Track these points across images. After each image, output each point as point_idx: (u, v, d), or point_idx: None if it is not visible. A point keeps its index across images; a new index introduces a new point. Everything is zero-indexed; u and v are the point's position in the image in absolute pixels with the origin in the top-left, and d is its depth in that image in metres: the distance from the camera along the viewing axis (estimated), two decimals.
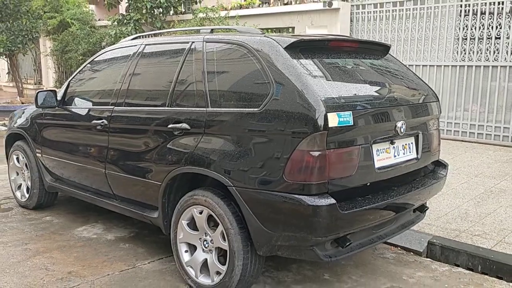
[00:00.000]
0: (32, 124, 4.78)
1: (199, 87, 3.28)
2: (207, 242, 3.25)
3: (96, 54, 4.47)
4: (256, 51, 3.02)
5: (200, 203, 3.21)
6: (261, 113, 2.86)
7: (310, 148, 2.69)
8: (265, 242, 2.93)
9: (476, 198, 5.11)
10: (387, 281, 3.54)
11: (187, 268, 3.36)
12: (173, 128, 3.34)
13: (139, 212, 3.76)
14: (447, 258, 3.94)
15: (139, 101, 3.75)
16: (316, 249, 2.85)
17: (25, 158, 4.94)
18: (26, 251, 4.00)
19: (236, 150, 2.97)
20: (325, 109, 2.67)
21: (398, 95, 3.31)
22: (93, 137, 4.05)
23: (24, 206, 5.08)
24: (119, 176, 3.82)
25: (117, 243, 4.18)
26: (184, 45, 3.53)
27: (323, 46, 3.26)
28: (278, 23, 9.75)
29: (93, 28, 13.36)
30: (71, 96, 4.42)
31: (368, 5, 9.01)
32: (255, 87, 2.99)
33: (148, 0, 10.88)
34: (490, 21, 7.70)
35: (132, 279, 3.51)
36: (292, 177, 2.73)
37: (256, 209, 2.89)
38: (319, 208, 2.67)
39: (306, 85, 2.77)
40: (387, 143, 3.11)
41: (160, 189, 3.45)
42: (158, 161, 3.45)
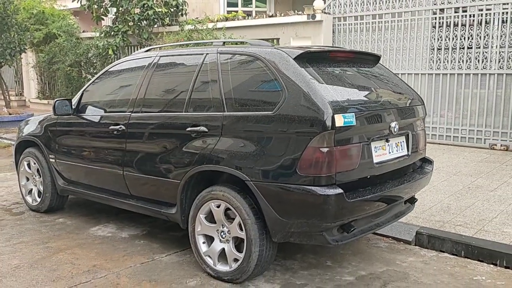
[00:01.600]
0: (45, 131, 5.07)
1: (215, 94, 3.66)
2: (224, 233, 3.62)
3: (109, 65, 4.80)
4: (269, 62, 3.43)
5: (218, 198, 3.57)
6: (274, 116, 3.27)
7: (320, 145, 3.10)
8: (280, 229, 3.32)
9: (456, 194, 5.60)
10: (382, 265, 3.96)
11: (205, 258, 3.72)
12: (191, 131, 3.71)
13: (156, 209, 4.09)
14: (433, 246, 4.39)
15: (156, 107, 4.10)
16: (325, 234, 3.25)
17: (37, 164, 5.21)
18: (48, 249, 4.29)
19: (252, 148, 3.36)
20: (332, 111, 3.09)
21: (390, 99, 3.77)
22: (110, 141, 4.38)
23: (36, 210, 5.34)
24: (137, 177, 4.16)
25: (132, 240, 4.50)
26: (198, 56, 3.92)
27: (325, 56, 3.70)
28: (263, 34, 10.19)
29: (78, 39, 13.58)
30: (86, 104, 4.74)
31: (349, 17, 9.54)
32: (268, 93, 3.39)
33: (135, 13, 11.20)
34: (462, 32, 8.30)
35: (153, 270, 3.84)
36: (305, 171, 3.14)
37: (272, 200, 3.28)
38: (329, 197, 3.08)
39: (315, 90, 3.19)
40: (383, 141, 3.55)
41: (179, 186, 3.80)
42: (177, 161, 3.81)
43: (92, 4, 11.58)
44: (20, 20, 12.20)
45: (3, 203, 5.72)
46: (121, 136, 4.26)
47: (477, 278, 3.74)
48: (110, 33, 11.75)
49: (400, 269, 3.89)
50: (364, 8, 9.31)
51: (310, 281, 3.65)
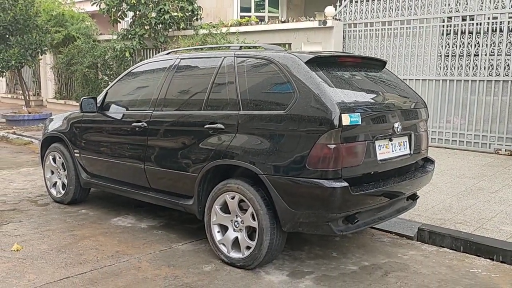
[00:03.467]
0: (70, 128, 5.42)
1: (231, 94, 3.97)
2: (237, 222, 3.92)
3: (132, 66, 5.13)
4: (282, 65, 3.73)
5: (233, 190, 3.88)
6: (286, 115, 3.57)
7: (327, 142, 3.39)
8: (289, 219, 3.61)
9: (458, 195, 5.85)
10: (384, 257, 4.23)
11: (220, 246, 4.02)
12: (209, 128, 4.02)
13: (174, 201, 4.41)
14: (434, 241, 4.64)
15: (176, 106, 4.42)
16: (331, 224, 3.54)
17: (62, 158, 5.55)
18: (74, 236, 4.62)
19: (265, 145, 3.66)
20: (339, 111, 3.39)
21: (395, 101, 4.05)
22: (132, 137, 4.70)
23: (60, 202, 5.68)
24: (157, 170, 4.47)
25: (150, 230, 4.82)
26: (216, 59, 4.23)
27: (334, 61, 4.00)
28: (275, 39, 10.50)
29: (96, 42, 13.99)
30: (110, 102, 5.07)
31: (359, 24, 9.82)
32: (280, 94, 3.70)
33: (152, 17, 11.57)
34: (469, 40, 8.55)
35: (172, 256, 4.15)
36: (313, 166, 3.43)
37: (283, 192, 3.57)
38: (335, 190, 3.37)
39: (324, 92, 3.49)
40: (387, 140, 3.83)
41: (196, 179, 4.11)
42: (195, 155, 4.12)
43: (111, 8, 11.97)
44: (41, 22, 12.62)
45: (29, 195, 6.07)
46: (142, 133, 4.58)
47: (473, 271, 3.99)
48: (127, 36, 12.12)
49: (401, 261, 4.16)
50: (374, 15, 9.59)
51: (316, 269, 3.93)
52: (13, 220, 5.04)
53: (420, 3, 9.02)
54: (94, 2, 12.44)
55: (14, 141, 10.48)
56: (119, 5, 11.89)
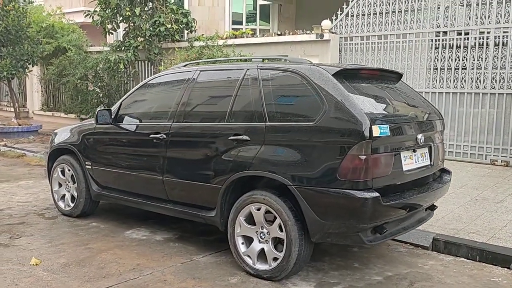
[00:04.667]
0: (82, 140, 5.35)
1: (256, 106, 3.99)
2: (263, 234, 3.92)
3: (147, 78, 5.12)
4: (309, 77, 3.77)
5: (259, 201, 3.88)
6: (315, 127, 3.60)
7: (359, 153, 3.43)
8: (319, 230, 3.63)
9: (465, 205, 5.95)
10: (406, 267, 4.27)
11: (245, 257, 4.01)
12: (233, 140, 4.02)
13: (194, 213, 4.38)
14: (450, 251, 4.70)
15: (197, 118, 4.41)
16: (361, 234, 3.57)
17: (71, 170, 5.48)
18: (89, 249, 4.54)
19: (294, 156, 3.68)
20: (369, 122, 3.43)
21: (416, 113, 4.13)
22: (150, 149, 4.67)
23: (68, 215, 5.59)
24: (177, 182, 4.45)
25: (166, 243, 4.77)
26: (239, 71, 4.25)
27: (357, 73, 4.06)
28: (272, 52, 10.58)
29: (86, 53, 13.88)
30: (124, 114, 5.03)
31: (355, 37, 9.97)
32: (308, 106, 3.73)
33: (147, 29, 11.55)
34: (465, 54, 8.75)
35: (195, 269, 4.12)
36: (345, 176, 3.46)
37: (313, 203, 3.59)
38: (367, 200, 3.41)
39: (353, 103, 3.54)
40: (411, 151, 3.89)
41: (220, 191, 4.10)
42: (219, 167, 4.11)
43: (105, 20, 11.91)
44: (32, 33, 12.49)
45: (34, 208, 5.96)
46: (161, 145, 4.55)
47: (495, 280, 4.06)
48: (121, 48, 12.06)
49: (423, 271, 4.20)
50: (370, 29, 9.75)
51: (342, 280, 3.95)
52: (24, 234, 4.94)
53: (416, 18, 9.21)
54: (87, 14, 12.36)
55: (7, 154, 10.28)
56: (113, 17, 11.83)
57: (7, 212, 5.76)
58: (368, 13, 9.75)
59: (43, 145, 11.00)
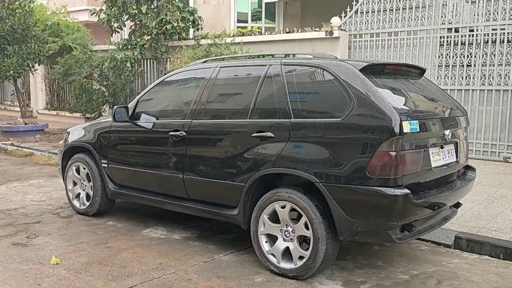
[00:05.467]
0: (97, 138, 5.28)
1: (280, 102, 3.92)
2: (288, 232, 3.86)
3: (164, 76, 5.05)
4: (336, 73, 3.71)
5: (284, 199, 3.82)
6: (343, 123, 3.54)
7: (389, 150, 3.37)
8: (347, 228, 3.57)
9: (483, 203, 5.89)
10: (431, 266, 4.21)
11: (269, 256, 3.95)
12: (257, 137, 3.96)
13: (216, 211, 4.32)
14: (472, 249, 4.65)
15: (218, 115, 4.35)
16: (390, 232, 3.51)
17: (87, 169, 5.41)
18: (109, 248, 4.48)
19: (321, 153, 3.62)
20: (399, 118, 3.37)
21: (443, 108, 4.07)
22: (169, 147, 4.60)
23: (83, 213, 5.52)
24: (198, 180, 4.38)
25: (186, 241, 4.71)
26: (261, 67, 4.19)
27: (382, 69, 3.99)
28: (280, 49, 10.50)
29: (92, 52, 13.80)
30: (141, 112, 4.96)
31: (365, 34, 9.91)
32: (335, 102, 3.67)
33: (154, 27, 11.48)
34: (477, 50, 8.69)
35: (218, 267, 4.06)
36: (374, 173, 3.40)
37: (341, 201, 3.53)
38: (398, 197, 3.35)
39: (382, 99, 3.48)
40: (438, 148, 3.83)
41: (243, 189, 4.04)
42: (242, 165, 4.05)
43: (111, 18, 11.84)
44: (39, 32, 12.42)
45: (48, 207, 5.90)
46: (181, 142, 4.49)
47: None
48: (128, 46, 11.99)
49: (449, 269, 4.14)
50: (380, 26, 9.68)
51: (368, 279, 3.89)
52: (41, 233, 4.88)
53: (427, 14, 9.15)
54: (93, 12, 12.28)
55: (14, 153, 10.23)
56: (120, 15, 11.76)
57: (21, 211, 5.70)
58: (378, 10, 9.67)
59: (51, 144, 10.95)
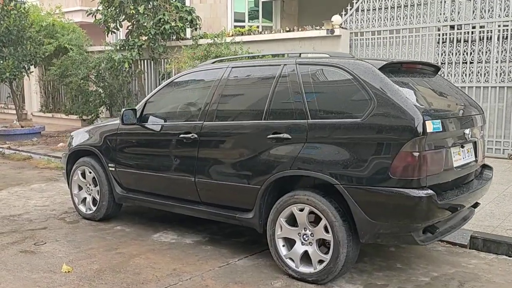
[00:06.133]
0: (104, 141, 5.16)
1: (297, 102, 3.83)
2: (306, 235, 3.77)
3: (173, 77, 4.94)
4: (354, 72, 3.62)
5: (302, 202, 3.73)
6: (364, 123, 3.45)
7: (412, 150, 3.29)
8: (369, 231, 3.49)
9: (495, 201, 5.83)
10: (451, 267, 4.14)
11: (286, 260, 3.85)
12: (273, 138, 3.87)
13: (229, 215, 4.22)
14: (489, 249, 4.58)
15: (231, 116, 4.25)
16: (413, 234, 3.42)
17: (93, 172, 5.29)
18: (121, 254, 4.37)
19: (341, 154, 3.53)
20: (422, 118, 3.29)
21: (462, 107, 3.99)
22: (180, 149, 4.50)
23: (90, 218, 5.39)
24: (211, 183, 4.28)
25: (198, 246, 4.60)
26: (275, 67, 4.09)
27: (399, 67, 3.90)
28: (280, 48, 10.42)
29: (88, 53, 13.64)
30: (149, 114, 4.84)
31: (366, 32, 9.84)
32: (354, 102, 3.58)
33: (151, 27, 11.34)
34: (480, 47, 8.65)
35: (234, 272, 3.96)
36: (397, 174, 3.32)
37: (363, 203, 3.45)
38: (422, 199, 3.27)
39: (403, 98, 3.39)
40: (459, 147, 3.75)
41: (259, 192, 3.94)
42: (257, 167, 3.95)
43: (108, 18, 11.69)
44: (34, 33, 12.25)
45: (53, 213, 5.77)
46: (192, 145, 4.38)
47: None
48: (125, 47, 11.85)
49: (469, 271, 4.07)
50: (381, 24, 9.62)
51: (389, 282, 3.81)
52: (48, 240, 4.75)
53: (429, 11, 9.09)
54: (90, 13, 12.12)
55: (12, 156, 10.06)
56: (117, 15, 11.61)
57: (26, 217, 5.56)
58: (379, 8, 9.61)
59: (49, 147, 10.79)
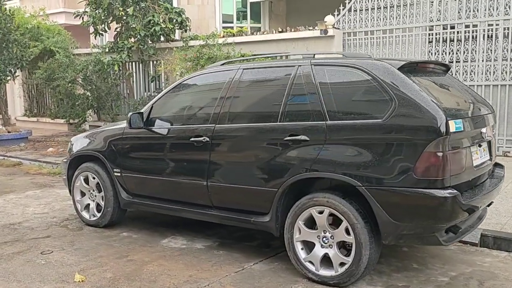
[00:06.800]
0: (108, 146, 5.04)
1: (314, 104, 3.78)
2: (326, 238, 3.72)
3: (180, 80, 4.84)
4: (372, 73, 3.58)
5: (321, 204, 3.68)
6: (385, 124, 3.42)
7: (436, 150, 3.27)
8: (392, 232, 3.46)
9: (497, 198, 5.85)
10: (467, 266, 4.14)
11: (306, 264, 3.80)
12: (290, 140, 3.81)
13: (244, 218, 4.15)
14: (499, 247, 4.60)
15: (244, 119, 4.17)
16: (437, 235, 3.41)
17: (97, 178, 5.16)
18: (133, 262, 4.26)
19: (362, 155, 3.50)
20: (445, 117, 3.28)
21: (477, 106, 4.00)
22: (190, 153, 4.41)
23: (94, 225, 5.26)
24: (225, 187, 4.20)
25: (209, 251, 4.52)
26: (289, 68, 4.04)
27: (415, 67, 3.89)
28: (273, 49, 10.37)
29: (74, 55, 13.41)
30: (157, 117, 4.74)
31: (359, 32, 9.86)
32: (374, 102, 3.55)
33: (141, 28, 11.19)
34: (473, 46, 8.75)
35: (252, 277, 3.89)
36: (422, 175, 3.30)
37: (386, 204, 3.41)
38: (447, 199, 3.25)
39: (425, 98, 3.37)
40: (476, 146, 3.76)
41: (276, 194, 3.89)
42: (274, 169, 3.89)
43: (96, 20, 11.50)
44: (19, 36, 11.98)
45: (54, 220, 5.62)
46: (203, 148, 4.30)
47: None
48: (115, 49, 11.67)
49: (485, 269, 4.08)
50: (374, 24, 9.65)
51: (409, 283, 3.79)
52: (55, 248, 4.61)
53: (422, 11, 9.16)
54: (77, 15, 11.92)
55: (1, 162, 9.81)
56: (106, 17, 11.43)
57: (26, 225, 5.40)
58: (372, 8, 9.65)
59: (38, 152, 10.56)
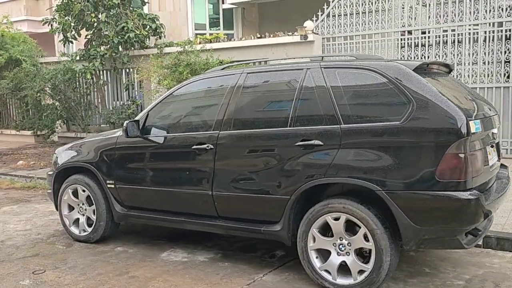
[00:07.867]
0: (100, 156, 4.78)
1: (326, 108, 3.66)
2: (343, 245, 3.60)
3: (177, 85, 4.64)
4: (387, 74, 3.50)
5: (337, 210, 3.56)
6: (404, 126, 3.34)
7: (458, 152, 3.21)
8: (414, 237, 3.37)
9: None
10: (477, 268, 4.11)
11: (322, 273, 3.67)
12: (302, 145, 3.68)
13: (253, 228, 3.99)
14: (503, 247, 4.61)
15: (251, 125, 4.00)
16: (459, 238, 3.34)
17: (87, 191, 4.88)
18: (135, 278, 4.02)
19: (380, 159, 3.41)
20: (466, 118, 3.23)
21: (486, 106, 3.98)
22: (192, 162, 4.22)
23: (85, 241, 4.96)
24: (232, 196, 4.03)
25: (214, 263, 4.33)
26: (297, 72, 3.91)
27: (426, 68, 3.83)
28: (251, 55, 10.24)
29: (41, 64, 12.91)
30: (154, 125, 4.52)
31: (338, 37, 9.87)
32: (390, 105, 3.47)
33: (114, 35, 10.87)
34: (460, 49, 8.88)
35: None
36: (444, 177, 3.23)
37: (407, 208, 3.33)
38: (471, 201, 3.19)
39: (443, 99, 3.32)
40: (489, 147, 3.73)
41: (288, 202, 3.75)
42: (285, 176, 3.75)
43: (66, 27, 11.10)
44: None
45: (39, 237, 5.28)
46: (207, 156, 4.11)
47: None
48: (86, 57, 11.29)
49: (496, 270, 4.05)
50: (353, 29, 9.68)
51: None
52: (47, 268, 4.31)
53: (400, 16, 9.25)
54: (46, 22, 11.47)
55: None
56: (77, 24, 11.04)
57: (10, 244, 5.05)
58: (351, 13, 9.68)
59: (8, 166, 10.05)
